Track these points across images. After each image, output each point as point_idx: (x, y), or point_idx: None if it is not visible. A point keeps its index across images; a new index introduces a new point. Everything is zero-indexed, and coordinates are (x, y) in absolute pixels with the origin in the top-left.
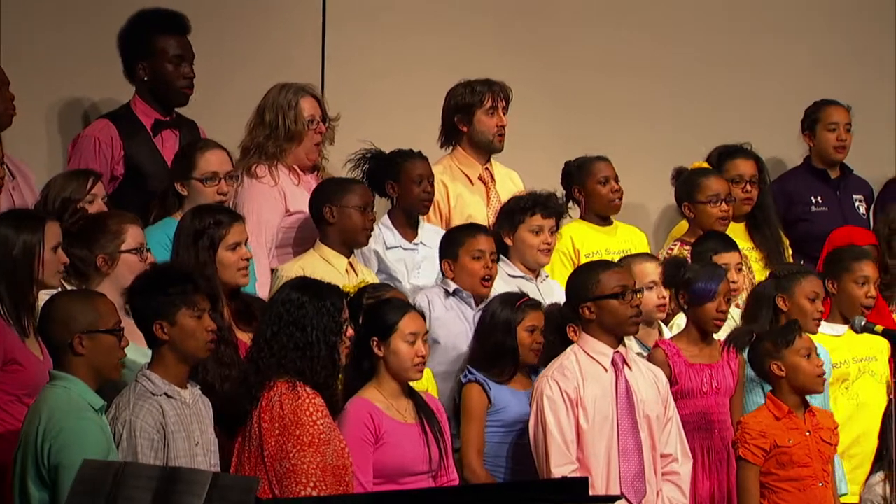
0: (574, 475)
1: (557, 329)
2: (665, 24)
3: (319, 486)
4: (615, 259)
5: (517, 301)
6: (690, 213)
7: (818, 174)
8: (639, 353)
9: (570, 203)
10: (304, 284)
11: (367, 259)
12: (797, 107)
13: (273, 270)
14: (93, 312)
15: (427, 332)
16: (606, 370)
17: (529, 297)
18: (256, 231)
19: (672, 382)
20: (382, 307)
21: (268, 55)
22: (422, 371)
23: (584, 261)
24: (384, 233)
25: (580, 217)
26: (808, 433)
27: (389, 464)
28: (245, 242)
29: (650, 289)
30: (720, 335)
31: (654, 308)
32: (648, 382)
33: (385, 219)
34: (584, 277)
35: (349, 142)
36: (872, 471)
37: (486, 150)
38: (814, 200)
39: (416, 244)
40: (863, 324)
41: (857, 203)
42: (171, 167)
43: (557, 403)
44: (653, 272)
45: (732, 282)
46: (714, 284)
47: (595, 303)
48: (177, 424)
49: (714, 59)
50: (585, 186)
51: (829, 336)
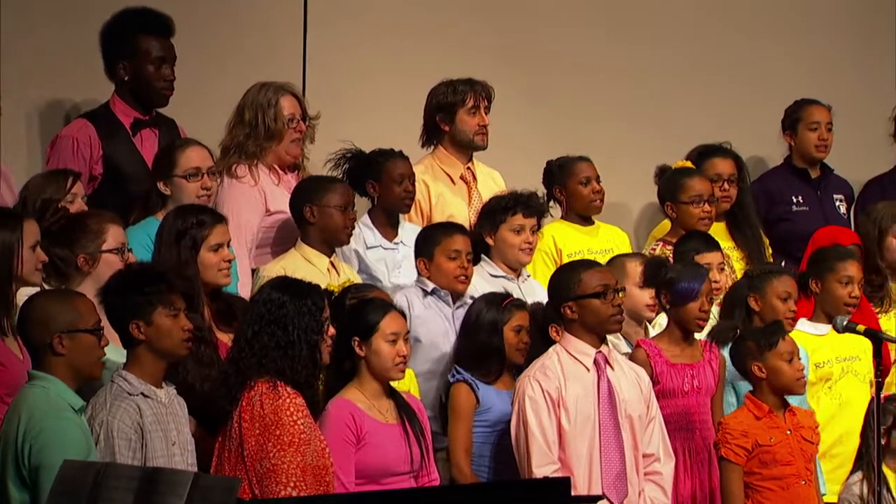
0: (556, 475)
1: (540, 329)
2: (646, 26)
3: (300, 487)
4: (597, 259)
5: (502, 301)
6: (673, 213)
7: (799, 174)
8: (627, 353)
9: (552, 203)
10: (285, 284)
11: (348, 259)
12: (777, 106)
13: (254, 271)
14: (72, 312)
15: (408, 332)
16: (588, 370)
17: (515, 297)
18: (236, 231)
19: (653, 382)
20: (364, 307)
21: (249, 55)
22: (403, 371)
23: (567, 261)
24: (364, 232)
25: (562, 217)
26: (790, 432)
27: (371, 464)
28: (228, 244)
29: (641, 288)
30: (701, 334)
31: (645, 307)
32: (631, 382)
33: (365, 218)
34: (566, 277)
35: (330, 142)
36: (852, 470)
37: (468, 150)
38: (794, 200)
39: (397, 243)
40: (845, 323)
41: (838, 203)
42: (152, 168)
43: (539, 403)
44: (640, 272)
45: (714, 281)
46: (697, 284)
47: (577, 302)
48: (154, 424)
49: (695, 60)
50: (567, 187)
51: (813, 335)
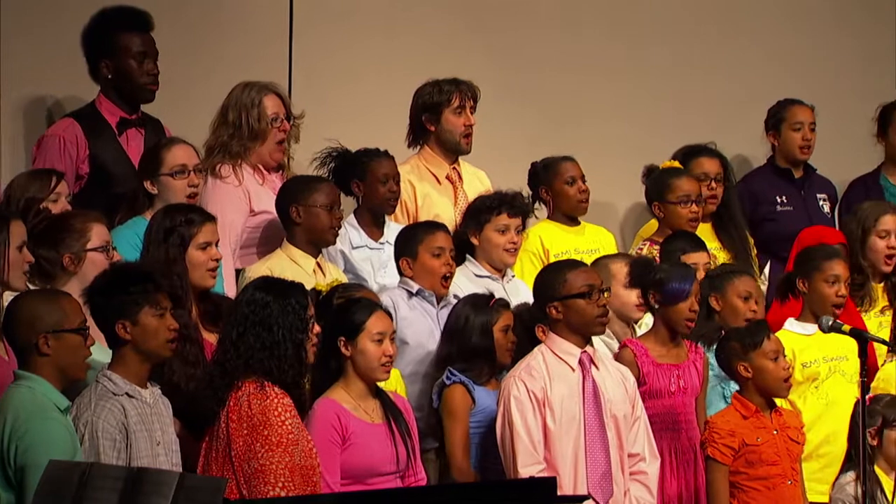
0: (541, 475)
1: (526, 329)
2: (631, 26)
3: (288, 487)
4: (584, 259)
5: (487, 302)
6: (660, 213)
7: (782, 174)
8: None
9: (538, 204)
10: (268, 284)
11: (333, 258)
12: (761, 107)
13: (239, 271)
14: (58, 312)
15: (394, 332)
16: (574, 370)
17: (499, 297)
18: (221, 232)
19: (640, 382)
20: (349, 307)
21: (235, 55)
22: (389, 371)
23: (554, 261)
24: (350, 232)
25: (548, 217)
26: (776, 432)
27: (357, 464)
28: (216, 243)
29: (627, 288)
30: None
31: (634, 307)
32: (616, 382)
33: (351, 218)
34: (552, 277)
35: (316, 142)
36: (843, 470)
37: (454, 150)
38: (778, 200)
39: (383, 243)
40: (830, 323)
41: (822, 202)
42: (139, 167)
43: (524, 403)
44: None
45: (701, 281)
46: (687, 285)
47: (562, 302)
48: (138, 424)
49: (679, 60)
50: (552, 187)
51: (800, 335)
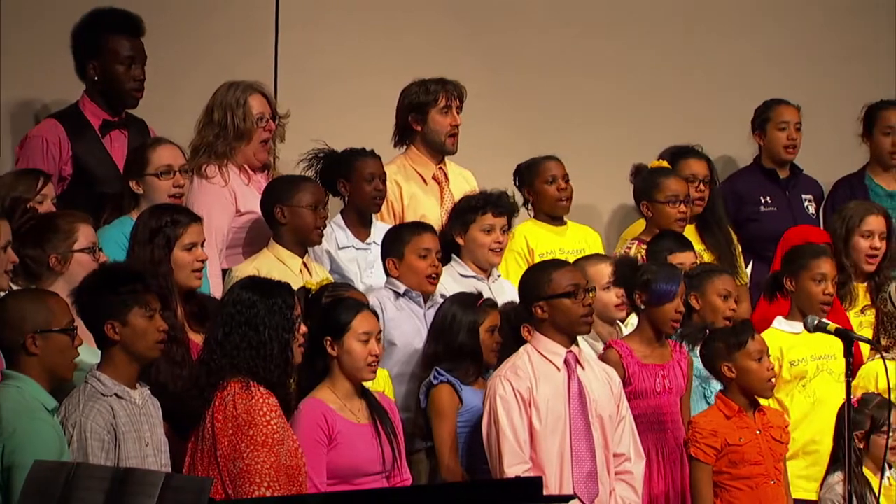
0: (527, 475)
1: (512, 329)
2: (617, 27)
3: (273, 487)
4: (569, 259)
5: (474, 301)
6: (649, 212)
7: (768, 174)
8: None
9: (527, 206)
10: (254, 284)
11: (319, 259)
12: (747, 107)
13: (225, 271)
14: (46, 312)
15: (381, 332)
16: (559, 370)
17: (487, 297)
18: (207, 232)
19: (626, 383)
20: (335, 307)
21: (220, 55)
22: (375, 371)
23: (539, 261)
24: (336, 232)
25: (532, 217)
26: (759, 432)
27: (343, 464)
28: (202, 244)
29: (607, 289)
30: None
31: (614, 308)
32: (601, 382)
33: (338, 218)
34: (537, 277)
35: (303, 142)
36: (831, 470)
37: (440, 150)
38: (763, 200)
39: (370, 243)
40: (816, 323)
41: (807, 203)
42: (124, 167)
43: (510, 403)
44: (608, 273)
45: None
46: (674, 286)
47: (547, 302)
48: (127, 425)
49: (664, 61)
50: (534, 186)
51: (788, 333)
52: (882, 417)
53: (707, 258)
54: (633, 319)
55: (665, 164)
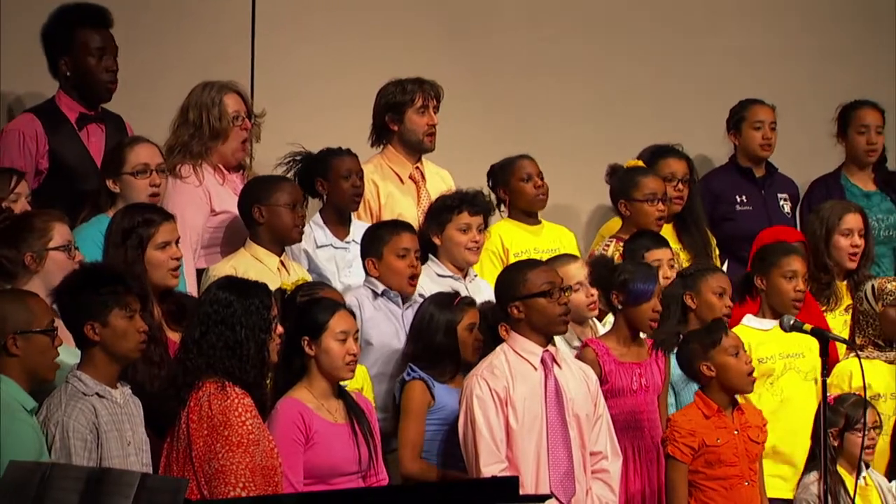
0: (504, 474)
1: (489, 328)
2: (593, 27)
3: (249, 487)
4: (544, 258)
5: (452, 301)
6: (626, 211)
7: (743, 173)
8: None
9: (500, 207)
10: (231, 283)
11: (297, 258)
12: (723, 107)
13: (202, 270)
14: (26, 312)
15: (358, 331)
16: (536, 369)
17: (464, 296)
18: (181, 232)
19: (602, 381)
20: (312, 306)
21: (196, 54)
22: (353, 370)
23: (514, 260)
24: (315, 231)
25: (508, 216)
26: (737, 432)
27: (319, 464)
28: (176, 242)
29: (577, 290)
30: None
31: (585, 307)
32: (578, 381)
33: (316, 217)
34: (512, 276)
35: (279, 142)
36: (807, 470)
37: (417, 150)
38: (738, 199)
39: (349, 242)
40: (791, 322)
41: (782, 202)
42: (101, 166)
43: (487, 402)
44: (577, 273)
45: (665, 278)
46: (651, 285)
47: (523, 302)
48: (109, 424)
49: (640, 61)
50: (509, 185)
51: (757, 330)
52: (856, 415)
53: (683, 257)
54: (611, 318)
55: (640, 164)
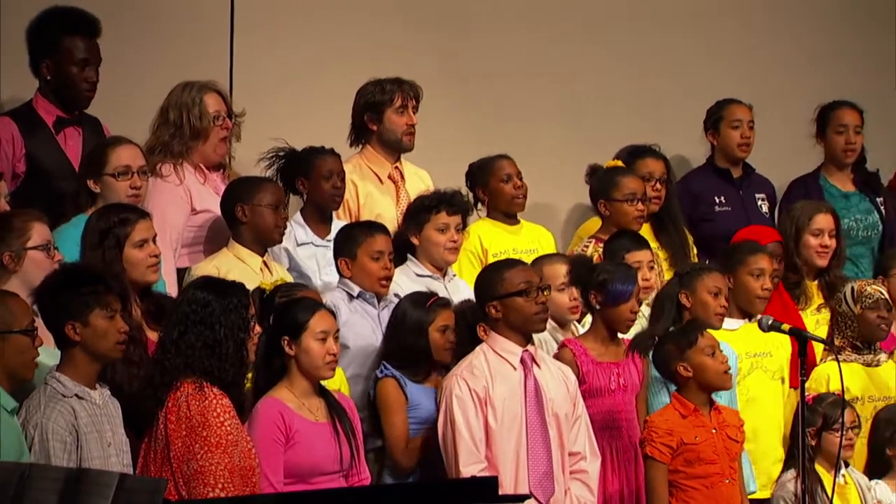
0: (483, 474)
1: (468, 328)
2: (571, 27)
3: (227, 488)
4: (523, 258)
5: (425, 301)
6: (606, 211)
7: (721, 174)
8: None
9: (479, 206)
10: (208, 283)
11: (278, 256)
12: (700, 106)
13: (185, 270)
14: (6, 313)
15: (338, 331)
16: (515, 369)
17: (439, 297)
18: (161, 231)
19: (580, 381)
20: (292, 306)
21: (175, 54)
22: (333, 369)
23: (493, 260)
24: (296, 230)
25: (486, 216)
26: (715, 430)
27: (300, 463)
28: (153, 239)
29: (562, 290)
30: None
31: (567, 310)
32: (557, 381)
33: (297, 216)
34: (490, 276)
35: (257, 141)
36: (785, 468)
37: (396, 149)
38: (717, 200)
39: (329, 241)
40: (770, 322)
41: (760, 202)
42: (82, 165)
43: (466, 402)
44: (564, 273)
45: (645, 279)
46: (630, 286)
47: (501, 301)
48: (89, 426)
49: (618, 61)
50: (488, 186)
51: (725, 330)
52: (834, 415)
53: (661, 256)
54: (590, 318)
55: (620, 164)
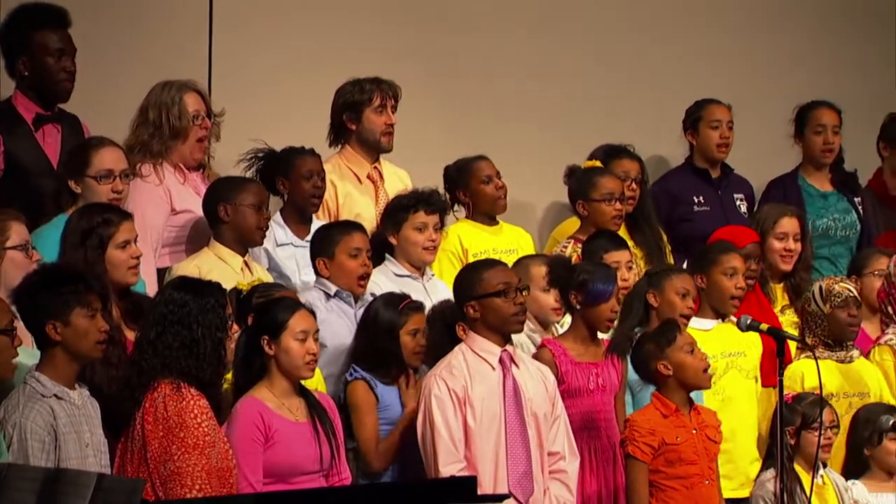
0: (462, 474)
1: (447, 327)
2: (549, 27)
3: (204, 489)
4: (502, 259)
5: (398, 303)
6: (584, 212)
7: (700, 174)
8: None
9: (457, 206)
10: (185, 283)
11: (257, 257)
12: (678, 107)
13: (166, 269)
14: None
15: (318, 331)
16: (494, 368)
17: (412, 300)
18: (141, 231)
19: (559, 381)
20: (272, 306)
21: (154, 54)
22: (313, 369)
23: (472, 260)
24: (275, 230)
25: (466, 217)
26: (695, 431)
27: (280, 463)
28: (134, 240)
29: (547, 291)
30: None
31: (550, 311)
32: (536, 381)
33: (277, 216)
34: (469, 276)
35: (236, 140)
36: (764, 468)
37: (375, 149)
38: (696, 200)
39: (308, 241)
40: (749, 322)
41: (739, 202)
42: (65, 165)
43: (445, 402)
44: (545, 274)
45: (623, 280)
46: (610, 286)
47: (479, 301)
48: (67, 426)
49: (596, 60)
50: (469, 188)
51: (699, 331)
52: (813, 414)
53: (637, 254)
54: (569, 318)
55: (598, 164)
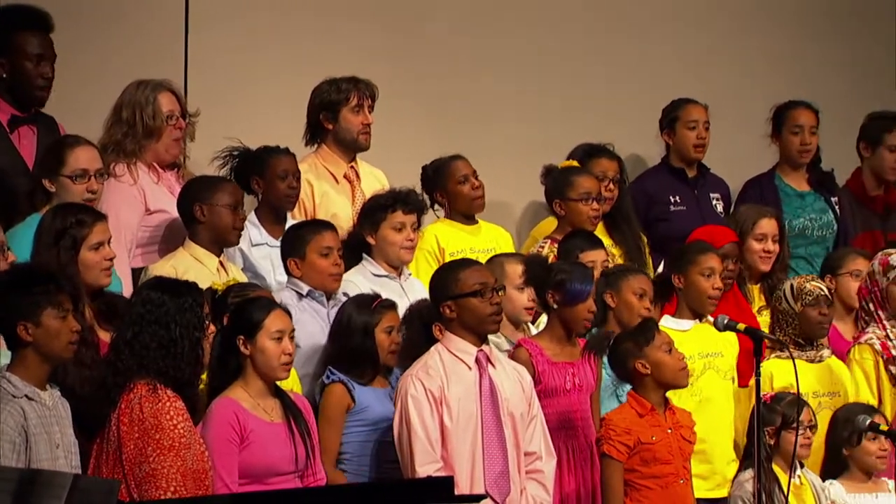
0: (439, 474)
1: (423, 327)
2: (525, 26)
3: (180, 491)
4: (480, 258)
5: (370, 303)
6: (561, 211)
7: (676, 174)
8: (508, 351)
9: (432, 207)
10: (162, 283)
11: (232, 257)
12: (655, 106)
13: (142, 269)
14: None
15: (293, 330)
16: (470, 368)
17: (383, 298)
18: (116, 231)
19: (535, 381)
20: (248, 306)
21: (130, 53)
22: (289, 369)
23: (449, 260)
24: (250, 230)
25: (445, 217)
26: (670, 430)
27: (255, 464)
28: (108, 241)
29: (521, 290)
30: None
31: (523, 310)
32: (513, 380)
33: (251, 216)
34: (445, 276)
35: (212, 140)
36: (741, 468)
37: (352, 149)
38: (672, 200)
39: None
40: (726, 322)
41: (715, 202)
42: (39, 163)
43: (422, 402)
44: (521, 273)
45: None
46: (588, 285)
47: (455, 301)
48: (38, 427)
49: (573, 60)
50: (447, 188)
51: (675, 331)
52: (793, 414)
53: (616, 253)
54: (545, 318)
55: (575, 164)
